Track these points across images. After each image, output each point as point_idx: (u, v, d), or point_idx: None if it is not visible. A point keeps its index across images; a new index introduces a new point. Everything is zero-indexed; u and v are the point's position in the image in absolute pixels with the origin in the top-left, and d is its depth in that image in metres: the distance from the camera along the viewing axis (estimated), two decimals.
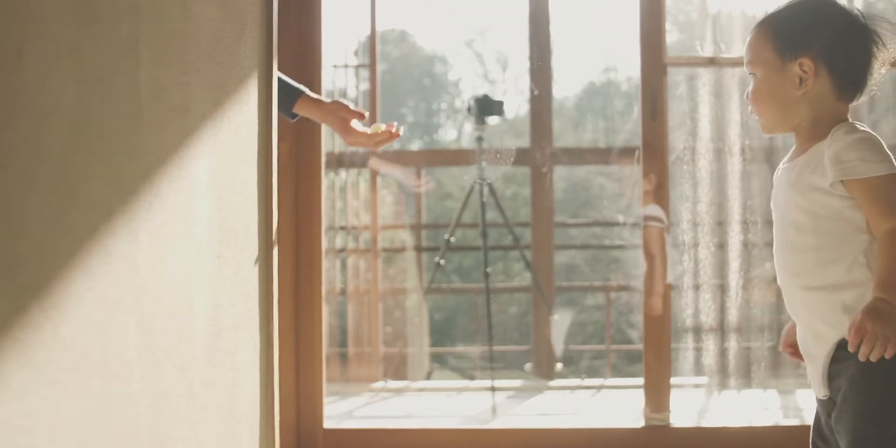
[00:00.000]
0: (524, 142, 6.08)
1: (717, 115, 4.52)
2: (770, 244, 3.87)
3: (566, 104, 15.51)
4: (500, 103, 5.32)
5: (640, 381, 3.79)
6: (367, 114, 2.73)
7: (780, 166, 2.09)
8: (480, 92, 6.08)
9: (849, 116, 2.04)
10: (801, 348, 2.03)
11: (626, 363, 6.94)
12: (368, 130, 2.74)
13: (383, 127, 2.74)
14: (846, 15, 2.04)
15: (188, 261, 1.87)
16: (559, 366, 5.98)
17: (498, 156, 5.47)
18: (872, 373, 1.85)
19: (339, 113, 2.70)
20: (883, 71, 2.05)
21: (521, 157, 5.80)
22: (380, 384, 5.60)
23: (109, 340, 1.53)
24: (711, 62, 4.36)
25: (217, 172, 2.01)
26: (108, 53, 1.52)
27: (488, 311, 5.47)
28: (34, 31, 1.30)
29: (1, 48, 1.23)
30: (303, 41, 3.65)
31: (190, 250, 1.87)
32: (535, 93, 5.72)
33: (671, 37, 4.66)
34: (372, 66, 5.65)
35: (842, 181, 1.91)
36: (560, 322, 5.93)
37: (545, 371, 5.90)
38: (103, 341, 1.50)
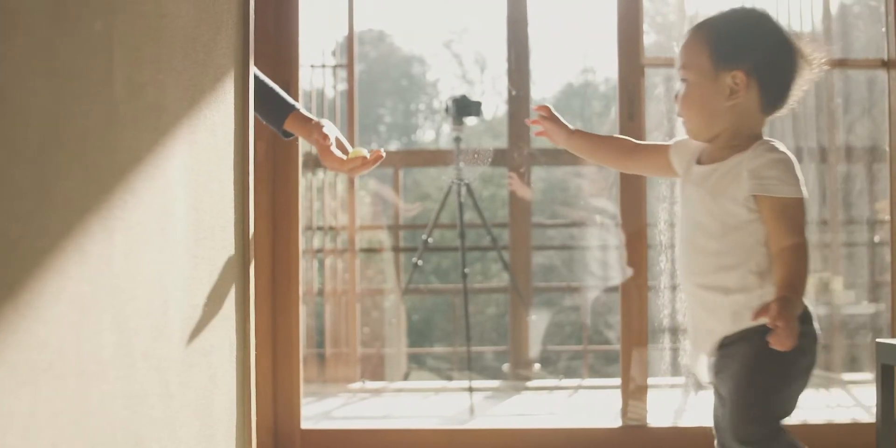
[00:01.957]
0: (502, 142, 6.08)
1: None
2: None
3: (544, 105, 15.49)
4: (479, 104, 5.32)
5: (618, 381, 3.79)
6: (332, 140, 2.59)
7: (694, 167, 2.17)
8: (458, 92, 6.08)
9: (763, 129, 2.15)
10: (690, 336, 2.22)
11: (603, 364, 6.95)
12: (347, 154, 2.61)
13: (363, 152, 2.59)
14: (780, 33, 2.13)
15: (164, 260, 1.86)
16: (537, 366, 5.98)
17: (476, 156, 5.48)
18: (765, 356, 2.02)
19: (314, 135, 2.61)
20: (803, 89, 2.15)
21: (499, 157, 5.80)
22: (357, 385, 5.59)
23: (84, 340, 1.52)
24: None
25: (193, 171, 2.00)
26: (82, 51, 1.51)
27: (466, 312, 5.47)
28: (7, 27, 1.29)
29: None
30: (280, 40, 3.64)
31: (165, 249, 1.86)
32: (514, 93, 5.72)
33: (648, 38, 4.68)
34: (349, 67, 5.64)
35: (754, 196, 2.03)
36: (537, 323, 5.94)
37: (523, 371, 5.90)
38: (78, 341, 1.49)
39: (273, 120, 2.65)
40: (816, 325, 2.13)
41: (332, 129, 2.62)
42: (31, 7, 1.36)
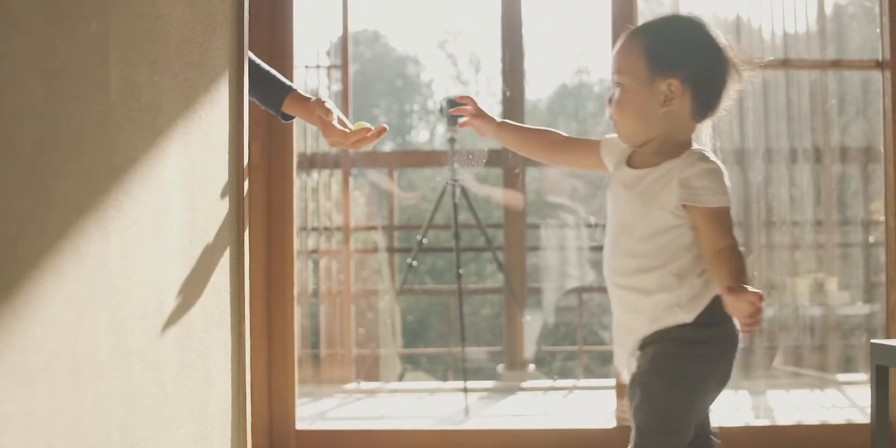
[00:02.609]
0: (496, 143, 6.07)
1: None
2: (741, 246, 3.88)
3: (539, 106, 15.55)
4: None
5: (612, 381, 3.79)
6: (335, 115, 2.61)
7: (624, 169, 2.19)
8: (453, 93, 6.08)
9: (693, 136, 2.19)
10: (614, 334, 2.24)
11: (598, 364, 6.96)
12: (349, 129, 2.60)
13: (367, 124, 2.59)
14: (715, 42, 2.16)
15: (159, 261, 1.86)
16: (531, 367, 5.98)
17: (470, 157, 5.47)
18: (676, 360, 2.09)
19: (317, 111, 2.61)
20: (732, 99, 2.19)
21: (494, 158, 5.80)
22: (352, 385, 5.59)
23: (81, 341, 1.52)
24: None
25: (188, 172, 2.00)
26: (78, 51, 1.51)
27: (461, 313, 5.47)
28: (4, 28, 1.29)
29: None
30: (274, 41, 3.64)
31: (161, 250, 1.87)
32: (508, 94, 5.73)
33: None
34: (344, 67, 5.64)
35: (683, 204, 2.06)
36: (532, 323, 5.94)
37: (517, 372, 5.90)
38: (75, 341, 1.49)
39: (271, 103, 2.64)
40: (734, 322, 2.13)
41: (332, 105, 2.62)
42: (28, 7, 1.36)
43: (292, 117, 2.68)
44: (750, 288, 1.91)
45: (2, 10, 1.29)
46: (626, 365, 2.20)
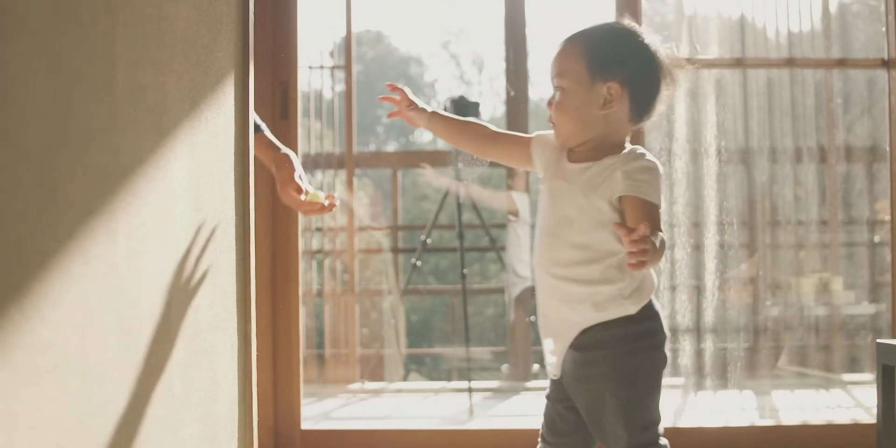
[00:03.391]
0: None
1: (692, 117, 4.54)
2: (746, 245, 3.95)
3: (542, 106, 15.52)
4: (476, 105, 5.32)
5: None
6: (305, 191, 2.59)
7: (565, 164, 2.24)
8: (456, 93, 6.08)
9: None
10: (542, 328, 2.28)
11: None
12: (305, 196, 2.61)
13: (321, 196, 2.61)
14: (650, 49, 2.23)
15: (166, 261, 1.86)
16: (536, 367, 5.99)
17: (475, 157, 5.47)
18: (632, 355, 2.15)
19: (284, 164, 2.60)
20: (665, 103, 2.27)
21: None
22: (357, 385, 5.60)
23: (89, 341, 1.52)
24: (688, 63, 4.38)
25: (194, 173, 2.00)
26: (84, 53, 1.52)
27: (465, 313, 5.48)
28: (10, 29, 1.29)
29: None
30: (278, 42, 3.65)
31: (168, 250, 1.87)
32: (512, 94, 5.73)
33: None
34: (347, 68, 5.64)
35: (621, 196, 2.12)
36: (537, 323, 5.94)
37: (522, 372, 5.91)
38: (83, 342, 1.50)
39: None
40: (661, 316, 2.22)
41: (297, 163, 2.64)
42: (33, 9, 1.36)
43: None
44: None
45: (8, 13, 1.29)
46: (559, 358, 2.23)
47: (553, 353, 2.24)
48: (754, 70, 4.78)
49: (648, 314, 2.17)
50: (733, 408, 4.46)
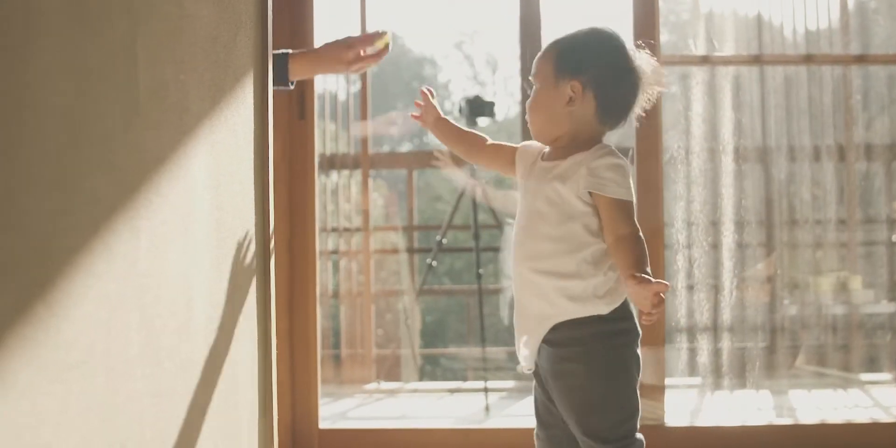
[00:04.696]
0: (514, 143, 6.08)
1: (710, 115, 4.53)
2: (763, 244, 3.92)
3: None
4: (492, 104, 5.32)
5: None
6: (378, 34, 2.71)
7: (539, 163, 2.35)
8: (471, 93, 6.07)
9: (604, 139, 2.34)
10: (516, 323, 2.34)
11: None
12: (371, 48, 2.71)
13: (389, 35, 2.73)
14: (620, 52, 2.33)
15: (187, 259, 1.86)
16: None
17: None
18: (605, 353, 2.22)
19: (332, 56, 2.69)
20: (640, 108, 2.36)
21: None
22: (373, 385, 5.59)
23: (113, 338, 1.52)
24: (705, 61, 4.37)
25: (215, 172, 2.01)
26: (106, 51, 1.52)
27: (481, 312, 5.47)
28: (35, 27, 1.29)
29: (3, 44, 1.22)
30: (295, 41, 3.65)
31: (189, 249, 1.87)
32: (529, 93, 5.69)
33: (662, 37, 4.68)
34: None
35: (590, 192, 2.21)
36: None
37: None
38: (107, 339, 1.50)
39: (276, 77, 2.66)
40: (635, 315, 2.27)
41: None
42: (56, 8, 1.36)
43: (293, 82, 2.72)
44: (653, 279, 2.05)
45: (31, 11, 1.29)
46: (532, 352, 2.28)
47: (526, 345, 2.30)
48: (772, 67, 4.76)
49: (622, 315, 2.24)
50: (750, 407, 4.45)
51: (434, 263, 5.88)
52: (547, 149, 2.36)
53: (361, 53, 2.71)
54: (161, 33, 1.75)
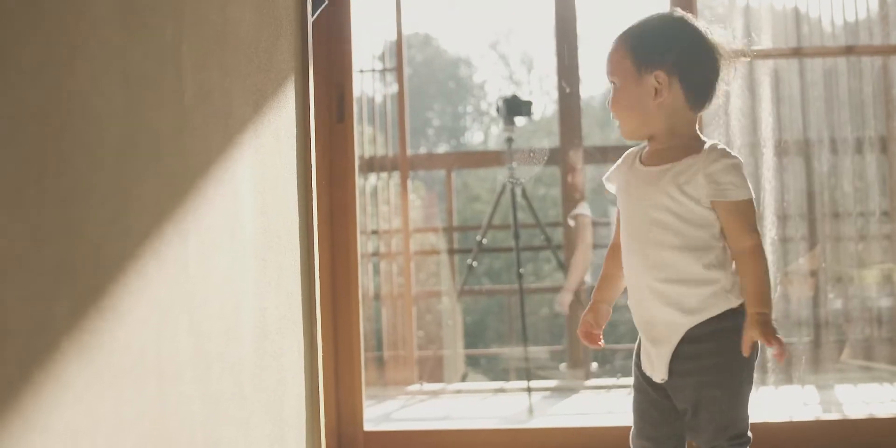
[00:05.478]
0: (551, 142, 6.08)
1: (750, 109, 4.51)
2: (805, 238, 3.88)
3: (592, 103, 15.46)
4: (529, 103, 5.32)
5: None
6: None
7: (639, 168, 2.27)
8: (507, 93, 6.06)
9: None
10: (645, 335, 2.26)
11: None
12: None
13: None
14: (694, 33, 2.24)
15: (234, 263, 1.88)
16: (594, 365, 5.97)
17: (531, 155, 5.47)
18: (732, 348, 2.14)
19: None
20: (725, 85, 2.27)
21: (551, 156, 5.79)
22: (415, 387, 5.60)
23: (163, 343, 1.53)
24: (744, 54, 4.35)
25: (259, 176, 2.02)
26: (153, 57, 1.53)
27: (522, 312, 5.47)
28: (84, 35, 1.31)
29: (55, 52, 1.24)
30: (333, 45, 3.66)
31: (236, 253, 1.88)
32: (567, 90, 5.70)
33: None
34: (399, 70, 5.65)
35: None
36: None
37: (580, 371, 5.89)
38: (158, 343, 1.51)
39: None
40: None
41: None
42: (105, 15, 1.38)
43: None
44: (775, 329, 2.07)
45: (82, 19, 1.31)
46: (663, 363, 2.22)
47: (659, 356, 2.22)
48: (810, 59, 4.73)
49: (742, 309, 2.17)
50: (796, 403, 4.42)
51: (475, 264, 5.89)
52: (645, 149, 2.28)
53: None
54: (205, 39, 1.76)
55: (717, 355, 2.15)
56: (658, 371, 2.23)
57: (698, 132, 2.26)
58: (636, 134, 2.28)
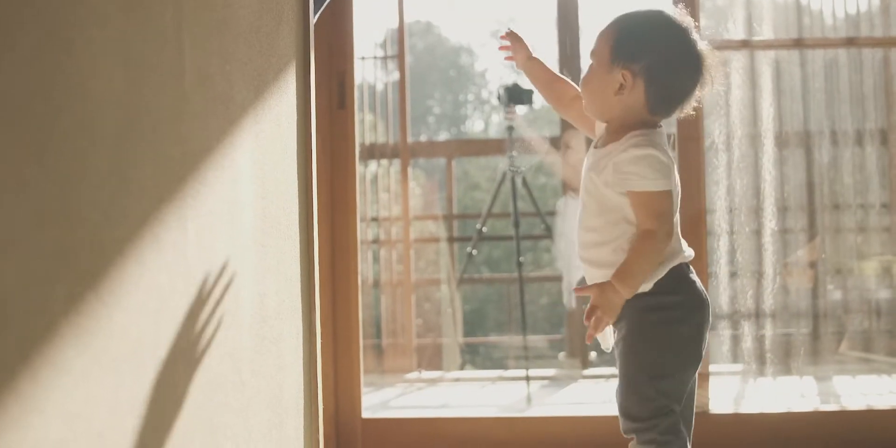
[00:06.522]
0: (555, 131, 6.07)
1: (750, 100, 4.50)
2: (805, 229, 3.83)
3: None
4: (530, 92, 5.31)
5: None
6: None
7: (591, 148, 2.30)
8: (508, 81, 6.05)
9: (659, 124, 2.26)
10: None
11: None
12: None
13: None
14: (680, 42, 2.22)
15: (233, 249, 1.87)
16: (593, 354, 5.97)
17: (531, 145, 5.46)
18: (639, 329, 2.17)
19: None
20: (696, 100, 2.25)
21: (551, 145, 5.78)
22: (414, 375, 5.61)
23: (162, 328, 1.53)
24: (744, 45, 4.34)
25: (259, 161, 2.01)
26: (153, 41, 1.53)
27: (522, 301, 5.47)
28: (83, 18, 1.30)
29: (55, 34, 1.23)
30: (335, 32, 3.65)
31: (235, 238, 1.88)
32: (568, 79, 5.67)
33: (699, 22, 4.65)
34: (400, 58, 5.64)
35: None
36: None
37: (579, 360, 5.89)
38: (157, 329, 1.51)
39: None
40: (697, 289, 2.23)
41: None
42: None
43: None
44: (595, 307, 2.10)
45: (81, 2, 1.30)
46: (605, 334, 2.27)
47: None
48: (811, 51, 4.73)
49: (668, 289, 2.18)
50: (794, 394, 4.42)
51: (474, 252, 5.88)
52: (604, 127, 2.30)
53: None
54: (206, 23, 1.75)
55: (627, 338, 2.18)
56: (603, 340, 2.29)
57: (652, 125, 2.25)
58: (594, 115, 2.31)
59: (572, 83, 2.47)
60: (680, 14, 2.24)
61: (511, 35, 2.57)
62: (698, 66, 2.20)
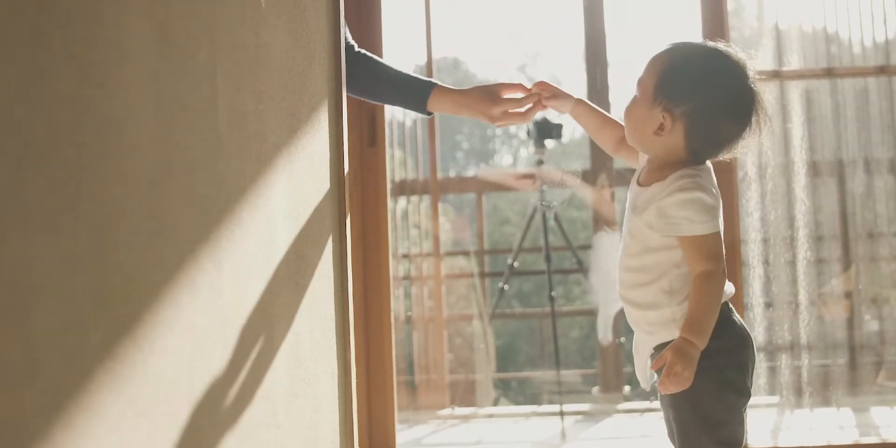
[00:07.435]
0: (585, 164, 6.06)
1: (781, 129, 4.48)
2: (840, 259, 3.81)
3: None
4: (560, 126, 5.30)
5: None
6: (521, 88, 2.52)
7: (633, 184, 2.21)
8: (538, 116, 6.03)
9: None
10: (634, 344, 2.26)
11: None
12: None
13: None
14: (734, 86, 2.09)
15: (268, 290, 1.86)
16: (627, 388, 5.92)
17: (563, 178, 5.44)
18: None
19: (478, 108, 2.53)
20: (745, 147, 2.15)
21: (582, 178, 5.76)
22: (447, 411, 5.57)
23: (196, 371, 1.52)
24: (775, 75, 4.32)
25: (293, 200, 2.00)
26: (187, 82, 1.53)
27: (555, 335, 5.43)
28: (118, 60, 1.30)
29: (89, 77, 1.23)
30: None
31: (269, 279, 1.87)
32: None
33: None
34: None
35: None
36: (627, 344, 5.87)
37: (613, 394, 5.84)
38: (191, 372, 1.50)
39: (410, 101, 2.61)
40: (738, 329, 2.15)
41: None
42: (140, 39, 1.37)
43: (432, 114, 2.65)
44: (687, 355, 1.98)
45: (116, 44, 1.30)
46: (643, 373, 2.22)
47: (638, 364, 2.23)
48: (841, 80, 4.70)
49: (711, 333, 2.05)
50: (832, 426, 4.36)
51: (506, 287, 5.86)
52: (644, 167, 2.21)
53: (509, 111, 2.53)
54: (240, 63, 1.75)
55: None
56: (640, 378, 2.23)
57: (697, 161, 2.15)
58: (635, 146, 2.23)
59: (619, 121, 2.34)
60: (735, 50, 2.12)
61: (543, 88, 2.46)
62: (748, 111, 2.09)
